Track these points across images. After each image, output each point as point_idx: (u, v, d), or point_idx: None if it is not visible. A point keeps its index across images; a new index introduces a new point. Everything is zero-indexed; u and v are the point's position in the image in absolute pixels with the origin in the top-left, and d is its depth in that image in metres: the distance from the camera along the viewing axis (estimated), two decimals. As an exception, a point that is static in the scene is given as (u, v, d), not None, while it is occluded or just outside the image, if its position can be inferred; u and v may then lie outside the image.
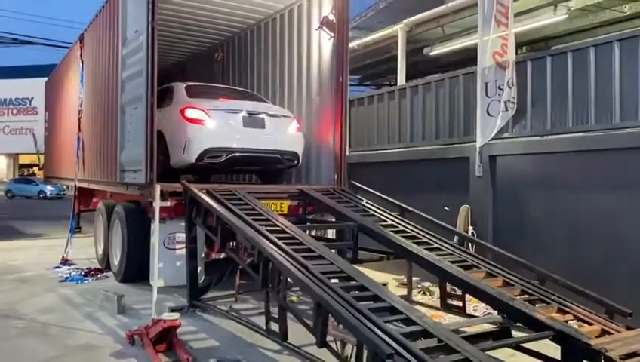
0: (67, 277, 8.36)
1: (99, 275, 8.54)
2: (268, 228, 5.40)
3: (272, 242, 4.96)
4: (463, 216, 7.92)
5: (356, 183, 7.61)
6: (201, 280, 6.78)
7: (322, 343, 3.98)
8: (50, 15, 64.53)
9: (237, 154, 7.50)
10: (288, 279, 4.54)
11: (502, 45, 7.68)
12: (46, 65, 21.22)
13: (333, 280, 4.38)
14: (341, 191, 7.50)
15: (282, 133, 7.93)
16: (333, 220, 7.27)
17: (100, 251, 9.27)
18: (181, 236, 6.90)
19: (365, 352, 3.47)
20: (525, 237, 7.16)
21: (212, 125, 7.42)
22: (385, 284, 4.90)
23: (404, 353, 3.34)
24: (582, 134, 6.69)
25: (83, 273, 8.59)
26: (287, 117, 8.18)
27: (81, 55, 10.76)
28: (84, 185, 10.62)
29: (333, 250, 5.71)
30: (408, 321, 3.89)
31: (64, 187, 28.60)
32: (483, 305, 6.72)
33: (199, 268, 6.73)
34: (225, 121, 7.53)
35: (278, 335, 4.69)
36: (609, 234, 6.24)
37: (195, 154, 7.29)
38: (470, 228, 7.82)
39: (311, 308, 5.87)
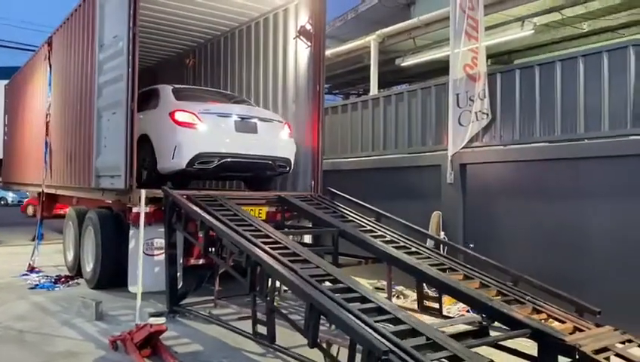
0: (37, 285, 8.19)
1: (70, 282, 8.39)
2: (253, 233, 5.49)
3: (258, 247, 5.05)
4: (435, 221, 8.19)
5: (333, 190, 7.75)
6: (179, 286, 6.78)
7: (314, 344, 4.09)
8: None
9: (229, 159, 7.34)
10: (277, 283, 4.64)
11: (472, 58, 8.01)
12: (6, 68, 20.59)
13: (322, 283, 4.52)
14: (318, 198, 7.64)
15: (274, 138, 7.81)
16: (310, 226, 7.40)
17: (70, 258, 9.11)
18: (159, 242, 6.86)
19: (360, 351, 3.60)
20: (494, 242, 7.45)
21: (203, 129, 7.21)
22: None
23: (397, 351, 3.49)
24: (548, 144, 7.04)
25: (53, 280, 8.42)
26: (279, 122, 8.06)
27: (49, 58, 10.59)
28: (52, 191, 10.42)
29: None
30: (396, 321, 4.05)
31: (27, 194, 27.67)
32: (457, 306, 7.01)
33: (178, 274, 6.73)
34: (217, 125, 7.35)
35: (266, 338, 4.77)
36: (573, 238, 6.59)
37: (185, 159, 7.09)
38: (442, 233, 8.09)
39: (290, 312, 6.01)
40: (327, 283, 4.67)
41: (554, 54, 9.27)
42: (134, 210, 6.58)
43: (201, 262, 6.87)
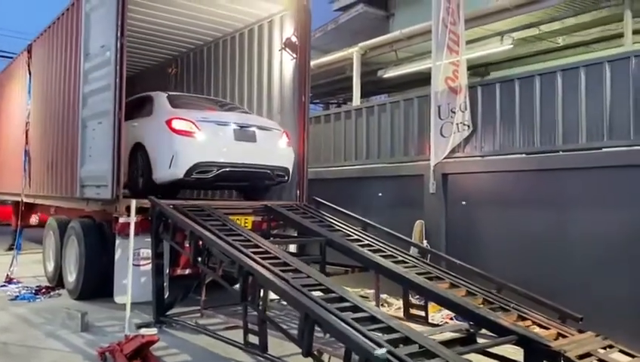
0: (17, 296, 8.05)
1: (51, 293, 8.27)
2: (243, 243, 5.53)
3: (250, 257, 5.09)
4: (418, 230, 8.34)
5: (319, 199, 7.84)
6: (165, 296, 6.76)
7: (308, 352, 4.16)
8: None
9: (227, 169, 7.17)
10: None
11: (453, 71, 8.23)
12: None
13: (314, 293, 4.59)
14: (304, 207, 7.72)
15: (273, 147, 7.68)
16: (295, 235, 7.46)
17: (51, 268, 8.98)
18: (146, 252, 6.83)
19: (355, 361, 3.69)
20: (476, 250, 7.62)
21: (202, 138, 7.03)
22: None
23: (392, 359, 3.59)
24: (528, 155, 7.27)
25: (34, 291, 8.29)
26: (277, 130, 7.92)
27: (28, 66, 10.47)
28: (30, 200, 10.27)
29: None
30: (389, 329, 4.14)
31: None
32: (440, 314, 7.16)
33: (165, 284, 6.71)
34: (215, 133, 7.17)
35: (258, 348, 4.81)
36: (552, 246, 6.80)
37: (183, 168, 6.92)
38: (425, 241, 8.24)
39: (278, 322, 6.05)
40: (319, 293, 4.75)
41: (532, 67, 9.58)
42: (121, 219, 6.56)
43: (187, 272, 6.88)
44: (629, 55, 6.34)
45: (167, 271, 6.84)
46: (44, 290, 8.35)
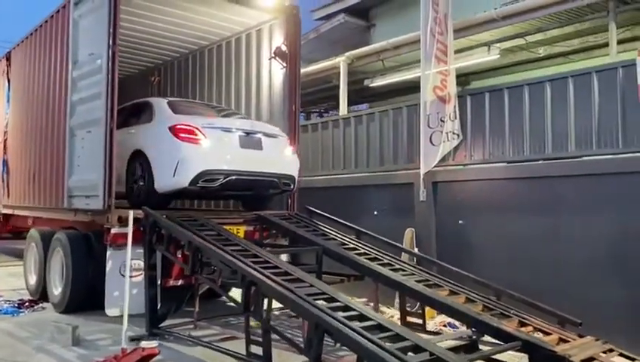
0: (0, 310, 7.80)
1: (35, 307, 8.03)
2: (241, 253, 5.48)
3: (251, 267, 5.04)
4: (409, 237, 8.38)
5: (311, 208, 7.81)
6: (158, 308, 6.64)
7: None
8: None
9: (234, 177, 6.87)
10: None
11: (442, 80, 8.35)
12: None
13: (318, 301, 4.57)
14: (297, 216, 7.68)
15: (279, 155, 7.45)
16: (287, 243, 7.41)
17: (33, 281, 8.71)
18: (137, 263, 6.67)
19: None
20: (466, 257, 7.69)
21: (208, 145, 6.74)
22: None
23: (407, 368, 3.59)
24: (518, 163, 7.40)
25: (16, 305, 8.03)
26: (283, 137, 7.70)
27: (7, 74, 10.23)
28: (9, 211, 9.99)
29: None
30: (398, 337, 4.14)
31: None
32: (434, 320, 7.20)
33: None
34: (221, 140, 6.89)
35: (261, 359, 4.75)
36: (541, 252, 6.93)
37: (188, 177, 6.61)
38: (415, 249, 8.29)
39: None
40: (322, 302, 4.72)
41: (513, 77, 9.80)
42: (113, 230, 6.43)
43: (180, 283, 6.76)
44: (617, 66, 6.54)
45: (159, 282, 6.73)
46: (27, 304, 8.10)
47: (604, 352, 4.62)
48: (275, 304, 4.81)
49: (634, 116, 6.36)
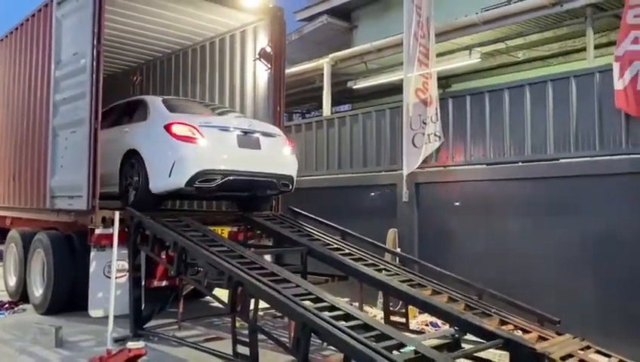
0: (-20, 312, 7.71)
1: (15, 308, 7.95)
2: (227, 254, 5.51)
3: (238, 268, 5.07)
4: (391, 238, 8.48)
5: (296, 209, 7.86)
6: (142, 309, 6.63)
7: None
8: None
9: (232, 177, 6.68)
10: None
11: (424, 83, 8.47)
12: None
13: (305, 302, 4.63)
14: (281, 217, 7.72)
15: (278, 154, 7.31)
16: (271, 244, 7.44)
17: (12, 283, 8.61)
18: (121, 264, 6.65)
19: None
20: (447, 257, 7.83)
21: (205, 144, 6.56)
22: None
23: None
24: (499, 165, 7.55)
25: (-4, 306, 7.96)
26: (281, 136, 7.56)
27: (-16, 73, 10.06)
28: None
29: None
30: (383, 336, 4.23)
31: None
32: (416, 320, 7.32)
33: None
34: (218, 139, 6.72)
35: (248, 359, 4.79)
36: (522, 252, 7.09)
37: (185, 177, 6.43)
38: (398, 249, 8.39)
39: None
40: (309, 302, 4.78)
41: (492, 80, 9.96)
42: (97, 231, 6.40)
43: (164, 283, 6.75)
44: (594, 71, 6.72)
45: (144, 282, 6.71)
46: (7, 305, 8.02)
47: (582, 349, 4.77)
48: (260, 304, 4.87)
49: (610, 120, 6.56)
